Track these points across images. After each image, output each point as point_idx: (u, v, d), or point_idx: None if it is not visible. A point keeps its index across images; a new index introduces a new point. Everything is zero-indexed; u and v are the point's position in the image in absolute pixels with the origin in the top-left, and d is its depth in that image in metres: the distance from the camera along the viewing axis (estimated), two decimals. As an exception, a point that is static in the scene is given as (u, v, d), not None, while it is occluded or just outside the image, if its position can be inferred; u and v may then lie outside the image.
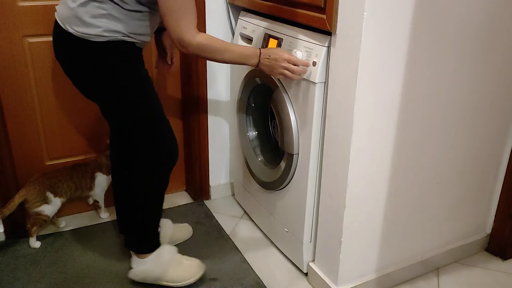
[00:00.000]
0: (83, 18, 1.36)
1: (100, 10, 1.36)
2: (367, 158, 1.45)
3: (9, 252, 1.85)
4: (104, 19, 1.37)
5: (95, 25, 1.36)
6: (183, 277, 1.67)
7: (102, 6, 1.36)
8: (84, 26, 1.37)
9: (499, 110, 1.68)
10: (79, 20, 1.37)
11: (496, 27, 1.51)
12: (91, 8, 1.36)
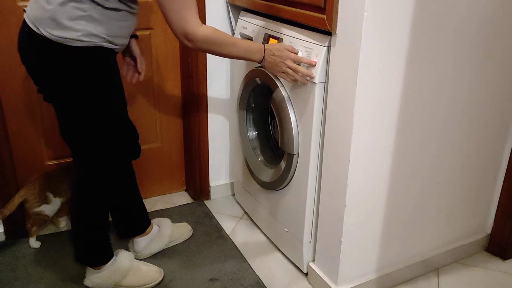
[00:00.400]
0: (60, 20, 1.27)
1: (79, 11, 1.28)
2: (367, 158, 1.45)
3: (9, 252, 1.85)
4: (83, 21, 1.29)
5: (74, 28, 1.28)
6: (142, 282, 1.66)
7: (81, 6, 1.28)
8: (60, 29, 1.28)
9: (499, 110, 1.68)
10: (55, 22, 1.27)
11: (496, 27, 1.51)
12: (69, 9, 1.27)
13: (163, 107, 2.17)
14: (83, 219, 1.57)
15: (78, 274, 1.72)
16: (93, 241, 1.61)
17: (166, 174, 2.30)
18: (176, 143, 2.27)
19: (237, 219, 2.16)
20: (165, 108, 2.18)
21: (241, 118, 2.00)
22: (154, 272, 1.71)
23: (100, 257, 1.63)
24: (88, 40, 1.30)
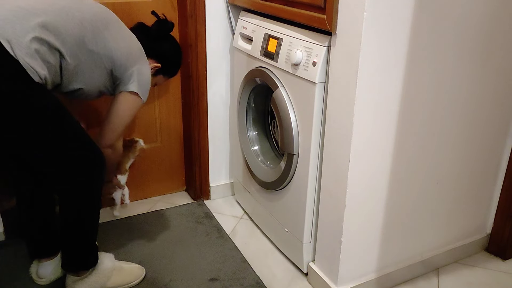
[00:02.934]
0: (31, 52, 1.26)
1: (49, 58, 1.31)
2: (367, 158, 1.45)
3: (9, 252, 1.85)
4: (47, 67, 1.31)
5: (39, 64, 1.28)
6: (128, 280, 1.66)
7: (51, 56, 1.31)
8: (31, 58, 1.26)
9: (499, 110, 1.68)
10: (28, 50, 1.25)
11: (496, 27, 1.51)
12: (43, 51, 1.29)
13: (163, 107, 2.17)
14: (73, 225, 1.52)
15: (78, 274, 1.72)
16: (85, 246, 1.57)
17: (166, 174, 2.30)
18: (176, 143, 2.27)
19: (237, 219, 2.16)
20: (165, 108, 2.18)
21: (241, 118, 2.00)
22: (137, 269, 1.71)
23: (91, 260, 1.59)
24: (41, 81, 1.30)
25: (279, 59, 1.63)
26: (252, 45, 1.83)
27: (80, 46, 1.39)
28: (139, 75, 1.53)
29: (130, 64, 1.51)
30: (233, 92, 2.11)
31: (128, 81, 1.52)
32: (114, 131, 1.58)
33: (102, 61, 1.46)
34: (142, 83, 1.55)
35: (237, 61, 2.01)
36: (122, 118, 1.57)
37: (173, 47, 1.79)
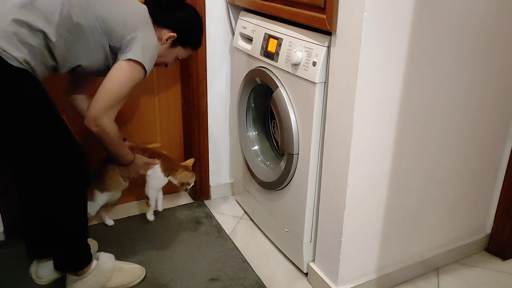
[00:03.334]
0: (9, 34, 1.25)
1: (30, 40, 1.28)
2: (367, 158, 1.45)
3: (9, 252, 1.85)
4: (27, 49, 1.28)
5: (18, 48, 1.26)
6: (128, 281, 1.66)
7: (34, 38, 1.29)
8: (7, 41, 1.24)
9: (499, 110, 1.68)
10: (4, 33, 1.24)
11: (496, 28, 1.51)
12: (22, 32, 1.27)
13: (163, 107, 2.17)
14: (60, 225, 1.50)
15: (78, 274, 1.72)
16: (74, 245, 1.55)
17: (166, 174, 2.30)
18: (176, 143, 2.27)
19: (237, 219, 2.16)
20: (165, 108, 2.18)
21: (241, 118, 2.00)
22: (137, 269, 1.71)
23: (83, 259, 1.58)
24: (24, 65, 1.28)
25: (279, 59, 1.63)
26: (252, 45, 1.83)
27: (66, 22, 1.34)
28: (138, 42, 1.45)
29: (127, 32, 1.44)
30: (233, 92, 2.11)
31: (125, 49, 1.45)
32: (102, 100, 1.45)
33: (95, 33, 1.40)
34: (142, 51, 1.46)
35: (237, 61, 2.01)
36: (114, 87, 1.45)
37: (188, 15, 1.66)
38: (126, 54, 1.45)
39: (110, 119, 1.49)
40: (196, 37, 1.73)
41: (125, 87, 1.47)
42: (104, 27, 1.41)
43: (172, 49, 1.65)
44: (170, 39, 1.61)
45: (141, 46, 1.46)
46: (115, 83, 1.46)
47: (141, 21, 1.50)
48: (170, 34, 1.59)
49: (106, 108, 1.46)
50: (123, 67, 1.46)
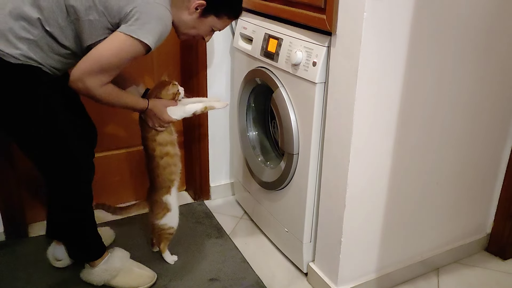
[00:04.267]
0: (4, 32, 1.26)
1: (28, 34, 1.29)
2: (367, 158, 1.45)
3: (9, 252, 1.85)
4: (26, 44, 1.29)
5: (15, 46, 1.28)
6: (131, 285, 1.65)
7: (32, 31, 1.29)
8: (2, 40, 1.26)
9: (499, 110, 1.68)
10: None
11: (496, 27, 1.51)
12: (18, 27, 1.27)
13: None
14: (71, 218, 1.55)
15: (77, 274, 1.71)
16: (84, 238, 1.60)
17: (166, 174, 2.30)
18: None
19: (237, 219, 2.16)
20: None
21: (241, 118, 2.00)
22: (146, 276, 1.69)
23: (88, 252, 1.62)
24: (24, 60, 1.30)
25: (279, 59, 1.63)
26: (252, 45, 1.83)
27: (60, 6, 1.30)
28: (136, 14, 1.32)
29: (123, 3, 1.31)
30: (233, 92, 2.11)
31: (124, 22, 1.33)
32: (85, 64, 1.33)
33: (92, 13, 1.32)
34: (140, 25, 1.32)
35: (237, 61, 2.01)
36: (101, 55, 1.33)
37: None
38: (122, 27, 1.33)
39: (97, 83, 1.35)
40: (230, 3, 1.52)
41: (113, 58, 1.34)
42: (98, 6, 1.31)
43: (204, 19, 1.47)
44: (200, 8, 1.44)
45: (140, 18, 1.32)
46: (103, 52, 1.33)
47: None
48: (198, 2, 1.42)
49: (89, 73, 1.33)
50: (116, 38, 1.33)
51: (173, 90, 1.62)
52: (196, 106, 1.66)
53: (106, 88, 1.38)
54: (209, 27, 1.51)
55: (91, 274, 1.64)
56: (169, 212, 1.69)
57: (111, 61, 1.34)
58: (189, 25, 1.48)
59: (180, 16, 1.46)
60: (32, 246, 1.89)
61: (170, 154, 1.64)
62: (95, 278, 1.64)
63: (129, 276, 1.66)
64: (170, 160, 1.64)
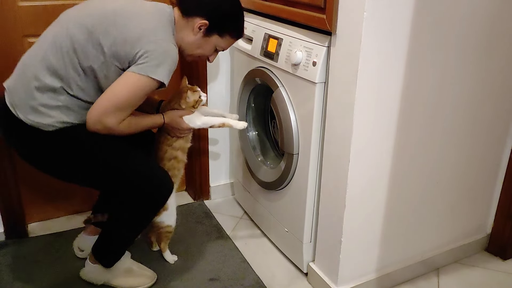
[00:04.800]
0: (35, 106, 1.38)
1: (56, 101, 1.40)
2: (367, 158, 1.45)
3: (9, 252, 1.85)
4: (58, 111, 1.40)
5: (48, 115, 1.39)
6: (130, 285, 1.66)
7: (58, 97, 1.40)
8: (35, 114, 1.39)
9: (500, 110, 1.68)
10: (31, 108, 1.39)
11: (497, 28, 1.50)
12: (46, 98, 1.39)
13: (163, 107, 2.17)
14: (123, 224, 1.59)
15: (77, 274, 1.71)
16: (119, 248, 1.65)
17: (166, 174, 2.30)
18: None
19: (237, 219, 2.16)
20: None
21: (241, 118, 1.99)
22: (146, 276, 1.70)
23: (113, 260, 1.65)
24: (60, 126, 1.41)
25: (279, 59, 1.63)
26: (252, 45, 1.83)
27: (76, 70, 1.39)
28: (144, 54, 1.36)
29: (129, 48, 1.36)
30: (233, 92, 2.11)
31: (133, 63, 1.38)
32: (102, 104, 1.38)
33: (105, 67, 1.40)
34: (148, 63, 1.36)
35: (237, 61, 2.01)
36: (116, 93, 1.38)
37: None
38: (133, 67, 1.38)
39: (115, 122, 1.40)
40: (233, 23, 1.55)
41: (128, 97, 1.39)
42: (109, 59, 1.38)
43: (208, 38, 1.51)
44: (204, 27, 1.47)
45: (148, 57, 1.36)
46: (117, 93, 1.38)
47: (144, 29, 1.39)
48: (201, 22, 1.46)
49: (106, 114, 1.39)
50: (129, 78, 1.38)
51: (194, 97, 1.62)
52: (215, 121, 1.67)
53: (124, 122, 1.43)
54: (213, 47, 1.56)
55: (92, 273, 1.64)
56: (165, 210, 1.69)
57: (126, 100, 1.39)
58: (194, 46, 1.53)
59: (185, 38, 1.51)
60: (32, 246, 1.89)
61: (178, 159, 1.66)
62: (96, 277, 1.64)
63: (130, 276, 1.67)
64: (176, 165, 1.66)
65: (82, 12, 1.45)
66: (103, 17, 1.40)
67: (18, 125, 1.40)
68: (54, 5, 1.79)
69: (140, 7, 1.46)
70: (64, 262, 1.80)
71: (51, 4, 1.79)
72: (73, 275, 1.72)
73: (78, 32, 1.39)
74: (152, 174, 1.52)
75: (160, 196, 1.54)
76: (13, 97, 1.42)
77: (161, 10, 1.47)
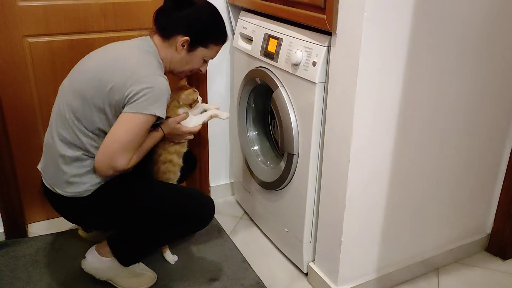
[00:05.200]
0: (69, 180, 1.46)
1: (83, 168, 1.46)
2: (367, 158, 1.45)
3: (9, 252, 1.85)
4: (88, 175, 1.47)
5: (82, 182, 1.47)
6: (131, 285, 1.66)
7: (84, 163, 1.46)
8: (71, 187, 1.47)
9: (500, 110, 1.68)
10: (66, 183, 1.47)
11: (497, 28, 1.50)
12: (74, 168, 1.46)
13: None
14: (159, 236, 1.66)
15: (77, 274, 1.72)
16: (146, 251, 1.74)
17: (166, 174, 2.30)
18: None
19: (237, 219, 2.16)
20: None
21: (241, 118, 2.00)
22: (147, 276, 1.70)
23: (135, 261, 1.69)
24: (96, 188, 1.48)
25: (279, 59, 1.63)
26: (252, 45, 1.83)
27: (87, 135, 1.45)
28: (133, 94, 1.38)
29: (118, 94, 1.39)
30: (233, 92, 2.11)
31: (127, 105, 1.40)
32: (108, 149, 1.40)
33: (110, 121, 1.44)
34: (138, 101, 1.38)
35: (237, 61, 2.01)
36: (119, 136, 1.40)
37: (196, 11, 1.52)
38: (126, 108, 1.39)
39: (124, 162, 1.41)
40: (214, 31, 1.57)
41: (131, 137, 1.40)
42: (109, 114, 1.43)
43: (193, 53, 1.55)
44: (186, 44, 1.51)
45: (139, 95, 1.37)
46: (120, 136, 1.40)
47: (127, 72, 1.40)
48: (182, 39, 1.49)
49: (114, 158, 1.39)
50: (126, 119, 1.39)
51: (193, 96, 1.63)
52: (204, 116, 1.69)
53: (132, 159, 1.44)
54: (201, 59, 1.59)
55: (98, 267, 1.64)
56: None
57: (129, 141, 1.41)
58: (183, 62, 1.56)
59: (171, 58, 1.54)
60: (32, 246, 1.89)
61: (173, 163, 1.67)
62: (101, 272, 1.65)
63: (132, 276, 1.67)
64: (171, 168, 1.68)
65: (72, 78, 1.50)
66: (89, 78, 1.44)
67: (61, 199, 1.50)
68: (54, 5, 1.79)
69: (119, 51, 1.49)
70: (64, 262, 1.80)
71: (51, 4, 1.79)
72: (73, 275, 1.73)
73: (74, 99, 1.44)
74: (199, 197, 1.66)
75: (206, 217, 1.66)
76: (48, 177, 1.53)
77: (139, 45, 1.50)
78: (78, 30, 1.85)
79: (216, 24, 1.58)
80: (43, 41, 1.83)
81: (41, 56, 1.84)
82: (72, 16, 1.82)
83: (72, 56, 1.87)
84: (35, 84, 1.87)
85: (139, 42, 1.52)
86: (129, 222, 1.56)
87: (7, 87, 1.82)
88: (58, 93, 1.53)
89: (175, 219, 1.56)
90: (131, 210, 1.54)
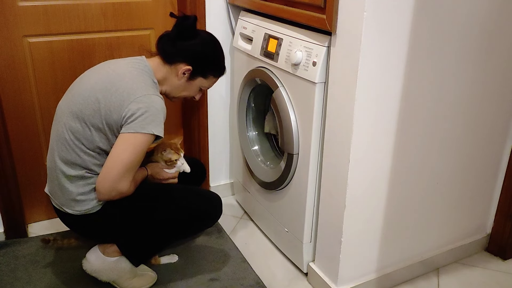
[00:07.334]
0: (75, 198, 1.49)
1: (88, 186, 1.49)
2: (367, 158, 1.45)
3: (9, 252, 1.85)
4: (94, 193, 1.49)
5: (89, 199, 1.49)
6: (132, 285, 1.66)
7: (88, 181, 1.49)
8: (79, 205, 1.49)
9: (500, 110, 1.68)
10: (73, 202, 1.49)
11: (497, 28, 1.50)
12: (79, 187, 1.48)
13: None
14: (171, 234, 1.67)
15: (77, 274, 1.72)
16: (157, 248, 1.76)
17: (166, 174, 2.30)
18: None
19: (237, 219, 2.16)
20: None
21: (241, 118, 2.00)
22: (147, 276, 1.71)
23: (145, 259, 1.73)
24: (103, 203, 1.51)
25: (279, 59, 1.63)
26: (252, 45, 1.83)
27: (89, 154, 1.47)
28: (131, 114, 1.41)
29: (116, 116, 1.42)
30: (233, 92, 2.11)
31: (124, 125, 1.42)
32: (111, 172, 1.42)
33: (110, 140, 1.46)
34: (135, 121, 1.41)
35: (237, 61, 2.01)
36: (120, 158, 1.41)
37: (201, 43, 1.57)
38: (123, 129, 1.42)
39: (126, 184, 1.44)
40: (215, 65, 1.64)
41: (131, 157, 1.42)
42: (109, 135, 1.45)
43: (192, 81, 1.60)
44: (187, 72, 1.56)
45: (136, 115, 1.40)
46: (121, 157, 1.41)
47: (124, 93, 1.42)
48: (185, 68, 1.54)
49: (117, 180, 1.42)
50: (125, 140, 1.42)
51: (171, 156, 1.69)
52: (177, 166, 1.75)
53: (132, 182, 1.48)
54: (198, 87, 1.65)
55: (101, 268, 1.64)
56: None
57: (130, 161, 1.42)
58: (180, 89, 1.61)
59: (170, 83, 1.58)
60: (32, 246, 1.89)
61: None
62: (102, 276, 1.65)
63: (132, 276, 1.67)
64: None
65: (68, 100, 1.50)
66: (86, 99, 1.45)
67: (73, 218, 1.53)
68: (54, 5, 1.79)
69: (114, 71, 1.50)
70: (64, 262, 1.80)
71: (51, 4, 1.79)
72: (73, 275, 1.73)
73: (72, 121, 1.46)
74: (208, 195, 1.71)
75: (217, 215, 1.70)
76: (55, 199, 1.55)
77: (134, 64, 1.52)
78: (78, 30, 1.86)
79: (218, 56, 1.65)
80: (43, 41, 1.83)
81: (41, 56, 1.84)
82: (72, 16, 1.82)
83: (72, 56, 1.87)
84: (35, 84, 1.87)
85: (134, 61, 1.54)
86: (144, 227, 1.58)
87: (7, 87, 1.82)
88: (55, 115, 1.54)
89: (188, 219, 1.61)
90: (145, 216, 1.56)
